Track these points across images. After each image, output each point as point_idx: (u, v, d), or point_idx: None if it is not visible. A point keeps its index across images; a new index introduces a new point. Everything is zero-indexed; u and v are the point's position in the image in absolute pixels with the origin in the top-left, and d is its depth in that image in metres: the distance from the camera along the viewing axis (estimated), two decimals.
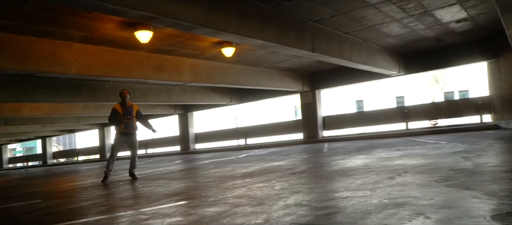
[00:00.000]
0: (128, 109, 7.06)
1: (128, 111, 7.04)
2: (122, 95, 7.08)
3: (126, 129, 7.04)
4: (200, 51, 9.93)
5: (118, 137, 7.08)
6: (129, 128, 7.07)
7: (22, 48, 7.22)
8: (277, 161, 8.19)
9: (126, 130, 7.05)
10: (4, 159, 35.57)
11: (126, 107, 7.06)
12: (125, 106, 7.06)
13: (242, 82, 12.50)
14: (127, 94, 7.11)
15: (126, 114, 7.00)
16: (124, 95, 7.05)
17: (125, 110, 7.03)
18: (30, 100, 11.17)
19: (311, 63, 13.41)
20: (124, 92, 7.09)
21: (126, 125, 7.00)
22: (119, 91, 7.16)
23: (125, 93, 7.08)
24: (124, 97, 7.05)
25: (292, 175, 5.21)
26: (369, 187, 3.41)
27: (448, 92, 30.50)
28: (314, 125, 15.98)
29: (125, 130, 7.04)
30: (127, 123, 6.98)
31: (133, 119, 7.08)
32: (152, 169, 10.09)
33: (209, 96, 16.34)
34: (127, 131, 7.06)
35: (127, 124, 7.00)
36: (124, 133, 7.06)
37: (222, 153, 15.49)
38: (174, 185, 5.45)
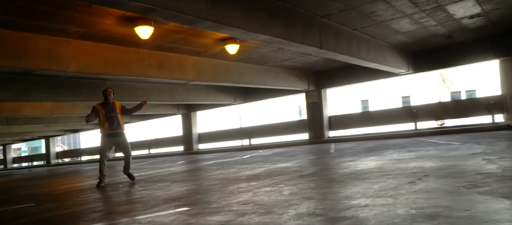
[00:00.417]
0: (109, 107, 6.58)
1: (110, 109, 6.54)
2: (105, 93, 6.61)
3: (111, 129, 6.50)
4: (203, 48, 9.61)
5: (104, 139, 6.56)
6: (114, 127, 6.52)
7: (18, 44, 6.92)
8: (283, 162, 7.86)
9: (111, 131, 6.51)
10: (8, 159, 35.45)
11: (108, 105, 6.59)
12: (107, 105, 6.59)
13: (246, 81, 12.17)
14: (110, 93, 6.65)
15: (107, 112, 6.50)
16: (107, 94, 6.59)
17: (107, 109, 6.55)
18: (29, 99, 10.91)
19: (317, 62, 13.06)
20: (107, 90, 6.64)
21: (110, 123, 6.46)
22: (103, 90, 6.70)
23: (109, 91, 6.63)
24: (107, 95, 6.58)
25: (300, 178, 4.87)
26: (390, 194, 3.07)
27: (455, 92, 30.00)
28: (320, 125, 15.62)
29: (110, 130, 6.49)
30: (110, 121, 6.45)
31: (117, 116, 6.56)
32: (154, 170, 9.80)
33: (212, 96, 16.02)
34: (112, 132, 6.52)
35: (111, 121, 6.47)
36: (110, 134, 6.54)
37: (226, 154, 15.18)
38: (174, 188, 5.13)
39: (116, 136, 6.58)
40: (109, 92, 6.61)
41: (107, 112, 6.50)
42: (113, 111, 6.52)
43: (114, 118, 6.50)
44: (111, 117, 6.46)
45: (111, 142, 6.64)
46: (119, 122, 6.57)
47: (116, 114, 6.55)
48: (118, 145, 6.72)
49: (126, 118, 21.59)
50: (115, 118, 6.51)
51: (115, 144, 6.71)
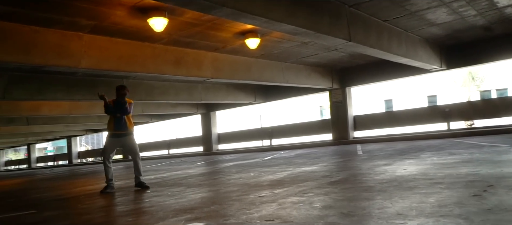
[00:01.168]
0: (121, 106, 5.91)
1: (120, 109, 5.89)
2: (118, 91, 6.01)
3: (116, 129, 5.88)
4: (222, 43, 9.05)
5: (108, 140, 5.99)
6: (120, 128, 5.88)
7: (26, 39, 6.53)
8: (308, 165, 7.21)
9: (116, 131, 5.90)
10: (33, 158, 35.94)
11: (119, 104, 5.93)
12: (118, 104, 5.94)
13: (267, 78, 11.56)
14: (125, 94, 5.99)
15: (117, 111, 5.88)
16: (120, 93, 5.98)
17: (116, 107, 5.92)
18: (45, 98, 10.62)
19: (342, 58, 12.33)
20: (121, 89, 6.02)
21: (116, 123, 5.86)
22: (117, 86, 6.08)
23: (122, 93, 5.99)
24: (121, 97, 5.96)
25: (331, 185, 4.22)
26: (456, 212, 2.40)
27: (485, 90, 28.53)
28: (344, 125, 14.84)
29: (115, 130, 5.89)
30: (117, 121, 5.85)
31: (124, 117, 5.90)
32: (170, 171, 9.30)
33: (232, 95, 15.48)
34: (117, 132, 5.90)
35: (117, 121, 5.86)
36: (115, 134, 5.92)
37: (246, 155, 14.61)
38: (188, 195, 4.57)
39: (121, 136, 5.93)
40: (122, 93, 5.95)
41: (115, 111, 5.91)
42: (121, 111, 5.89)
43: (122, 119, 5.90)
44: (118, 118, 5.87)
45: (116, 142, 5.99)
46: (125, 122, 5.93)
47: (123, 114, 5.90)
48: (124, 147, 6.09)
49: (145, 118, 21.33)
50: (122, 119, 5.90)
51: (121, 145, 6.05)
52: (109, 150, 5.97)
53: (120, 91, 5.92)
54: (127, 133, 5.94)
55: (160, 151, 24.45)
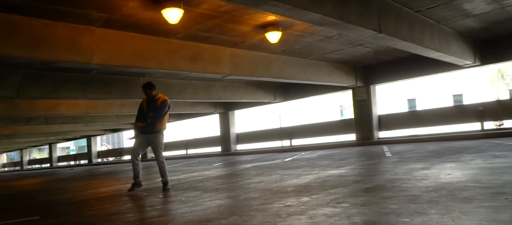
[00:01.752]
0: (152, 104, 5.79)
1: (152, 107, 5.76)
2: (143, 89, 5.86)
3: (148, 126, 5.74)
4: (241, 38, 8.56)
5: (137, 137, 5.84)
6: (148, 126, 5.73)
7: (35, 33, 6.18)
8: (334, 167, 6.64)
9: (147, 127, 5.75)
10: (54, 157, 36.34)
11: (151, 101, 5.82)
12: (150, 101, 5.84)
13: (288, 75, 11.00)
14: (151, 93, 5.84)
15: (149, 110, 5.75)
16: (146, 90, 5.84)
17: (149, 106, 5.80)
18: (59, 96, 10.36)
19: (367, 54, 11.66)
20: (146, 89, 5.84)
21: (147, 122, 5.73)
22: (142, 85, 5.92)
23: (147, 91, 5.85)
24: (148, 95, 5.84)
25: (367, 193, 3.67)
26: None
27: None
28: (369, 125, 14.14)
29: (146, 127, 5.75)
30: (148, 121, 5.72)
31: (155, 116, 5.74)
32: (187, 173, 8.87)
33: (251, 93, 14.98)
34: (148, 129, 5.74)
35: (148, 122, 5.73)
36: (143, 130, 5.78)
37: (265, 155, 14.09)
38: (204, 202, 4.08)
39: (150, 133, 5.76)
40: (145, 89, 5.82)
41: (148, 110, 5.77)
42: (152, 110, 5.73)
43: (154, 117, 5.73)
44: (150, 116, 5.71)
45: (144, 139, 5.83)
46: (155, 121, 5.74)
47: (155, 112, 5.73)
48: (150, 144, 5.87)
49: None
50: (154, 117, 5.73)
51: (148, 142, 5.85)
52: (137, 147, 5.81)
53: (144, 89, 5.81)
54: (154, 131, 5.75)
55: (178, 151, 24.18)
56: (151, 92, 5.80)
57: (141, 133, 5.80)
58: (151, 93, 5.80)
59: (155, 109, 5.71)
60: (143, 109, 5.85)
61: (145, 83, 5.84)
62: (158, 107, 5.72)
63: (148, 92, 5.79)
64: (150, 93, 5.80)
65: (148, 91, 5.79)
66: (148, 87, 5.80)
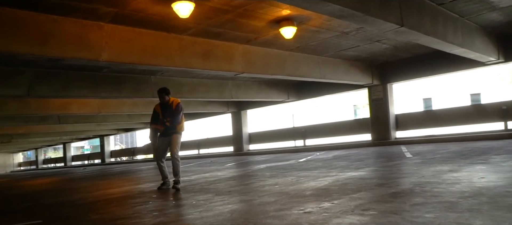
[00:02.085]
0: (168, 109, 5.97)
1: (168, 112, 5.95)
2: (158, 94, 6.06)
3: (166, 129, 5.97)
4: (254, 34, 8.25)
5: (159, 139, 6.03)
6: (169, 128, 5.95)
7: (42, 28, 5.98)
8: (353, 169, 6.28)
9: (166, 130, 5.99)
10: (68, 157, 36.59)
11: (166, 107, 6.01)
12: (164, 106, 6.02)
13: (302, 73, 10.66)
14: (163, 98, 6.03)
15: (165, 115, 5.93)
16: (160, 95, 6.02)
17: (164, 111, 5.97)
18: (70, 95, 10.21)
19: (384, 51, 11.24)
20: (162, 94, 6.03)
21: (164, 125, 5.95)
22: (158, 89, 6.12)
23: (162, 96, 6.03)
24: (162, 100, 6.02)
25: (395, 198, 3.32)
26: None
27: None
28: (385, 125, 13.69)
29: (165, 130, 5.99)
30: (167, 125, 5.94)
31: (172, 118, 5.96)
32: (199, 173, 8.60)
33: (264, 92, 14.66)
34: (167, 132, 5.99)
35: (167, 126, 5.94)
36: (164, 133, 6.00)
37: (278, 155, 13.76)
38: (216, 207, 3.79)
39: (170, 134, 5.99)
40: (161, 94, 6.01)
41: (164, 115, 5.96)
42: (169, 115, 5.93)
43: (171, 119, 5.94)
44: (167, 120, 5.92)
45: (165, 141, 6.04)
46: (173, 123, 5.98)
47: (172, 116, 5.96)
48: (170, 143, 6.06)
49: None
50: (171, 119, 5.94)
51: (169, 142, 6.05)
52: (160, 150, 6.01)
53: (160, 94, 5.99)
54: (175, 131, 6.00)
55: (190, 151, 24.00)
56: (167, 98, 5.98)
57: (161, 136, 5.99)
58: (166, 99, 5.97)
59: (171, 114, 5.90)
60: (158, 114, 6.00)
61: (162, 88, 6.02)
62: (173, 112, 5.92)
63: (164, 98, 5.95)
64: (165, 99, 5.97)
65: (165, 97, 5.95)
66: (165, 92, 5.98)
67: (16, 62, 8.78)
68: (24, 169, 45.61)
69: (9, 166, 45.55)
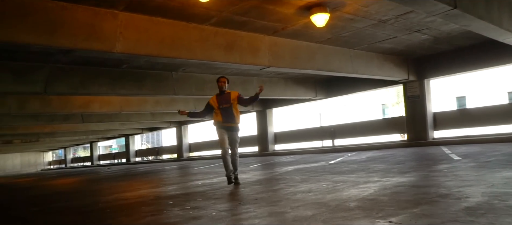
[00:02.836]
0: (223, 97, 5.89)
1: (224, 100, 5.86)
2: (217, 84, 5.98)
3: (225, 121, 5.78)
4: (282, 23, 7.52)
5: (220, 131, 5.82)
6: (228, 120, 5.79)
7: (51, 16, 5.47)
8: (396, 173, 5.46)
9: (225, 123, 5.80)
10: (95, 156, 36.94)
11: (222, 96, 5.91)
12: (221, 96, 5.92)
13: (333, 67, 9.83)
14: (223, 83, 5.93)
15: (220, 103, 5.83)
16: (219, 85, 5.93)
17: (220, 100, 5.87)
18: (88, 92, 9.78)
19: (423, 42, 10.26)
20: (220, 80, 5.95)
21: (223, 115, 5.79)
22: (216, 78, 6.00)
23: (221, 81, 5.93)
24: (221, 88, 5.92)
25: (473, 215, 2.53)
26: None
27: None
28: (422, 124, 12.65)
29: (223, 123, 5.80)
30: (223, 112, 5.79)
31: (231, 108, 5.80)
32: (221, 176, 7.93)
33: (291, 89, 13.89)
34: (225, 124, 5.80)
35: (224, 113, 5.79)
36: (223, 126, 5.81)
37: (306, 156, 12.97)
38: (240, 222, 3.09)
39: (229, 129, 5.85)
40: (221, 83, 5.92)
41: (220, 103, 5.86)
42: (226, 102, 5.84)
43: (228, 109, 5.81)
44: (224, 108, 5.80)
45: (226, 133, 5.88)
46: (233, 114, 5.84)
47: (229, 105, 5.83)
48: (228, 139, 5.91)
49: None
50: (228, 109, 5.81)
51: (229, 137, 5.92)
52: (225, 139, 5.80)
53: (217, 83, 5.95)
54: (234, 126, 5.87)
55: (214, 150, 23.48)
56: (226, 86, 5.96)
57: (223, 128, 5.82)
58: (225, 87, 5.94)
59: (228, 101, 5.81)
60: (211, 106, 5.93)
61: (220, 76, 6.00)
62: (245, 100, 5.92)
63: (224, 86, 5.90)
64: (224, 87, 5.92)
65: (225, 84, 5.92)
66: (226, 79, 5.99)
67: (32, 58, 8.40)
68: (53, 167, 46.56)
69: (40, 164, 46.62)
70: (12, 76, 8.45)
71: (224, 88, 5.93)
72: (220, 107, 5.80)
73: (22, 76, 8.58)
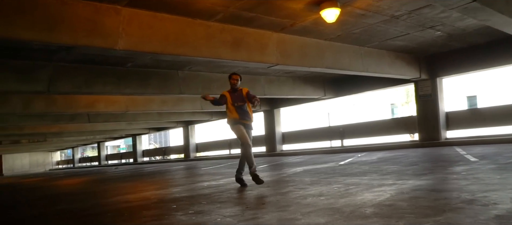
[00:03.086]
0: (237, 95, 5.78)
1: (237, 97, 5.76)
2: (229, 80, 5.88)
3: (241, 118, 5.68)
4: (291, 19, 7.26)
5: (237, 126, 5.67)
6: (244, 118, 5.70)
7: (51, 11, 5.27)
8: (411, 176, 5.17)
9: (241, 120, 5.70)
10: (102, 156, 36.95)
11: (235, 93, 5.80)
12: (234, 93, 5.81)
13: (343, 65, 9.54)
14: (236, 80, 5.83)
15: (235, 101, 5.72)
16: (231, 82, 5.83)
17: (234, 97, 5.76)
18: (92, 91, 9.61)
19: (436, 40, 9.92)
20: (233, 77, 5.85)
21: (239, 113, 5.69)
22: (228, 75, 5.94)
23: (233, 78, 5.83)
24: (233, 85, 5.82)
25: None
26: None
27: None
28: (435, 123, 12.29)
29: (240, 119, 5.69)
30: (239, 110, 5.68)
31: (245, 106, 5.74)
32: (227, 177, 7.70)
33: (299, 88, 13.61)
34: (242, 121, 5.69)
35: (240, 111, 5.69)
36: (240, 122, 5.69)
37: (315, 157, 12.68)
38: None
39: (245, 127, 5.74)
40: (234, 80, 5.82)
41: (234, 101, 5.74)
42: (240, 100, 5.76)
43: (243, 107, 5.74)
44: (239, 106, 5.72)
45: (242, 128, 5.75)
46: (248, 112, 5.80)
47: (244, 103, 5.77)
48: None
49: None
50: (243, 107, 5.74)
51: None
52: (244, 133, 5.62)
53: (229, 80, 5.86)
54: (249, 124, 5.80)
55: (221, 150, 23.28)
56: (239, 83, 5.86)
57: (239, 123, 5.68)
58: (238, 84, 5.83)
59: (242, 99, 5.72)
60: (225, 99, 5.76)
61: (233, 73, 5.91)
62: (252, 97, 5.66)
63: (237, 83, 5.81)
64: (237, 84, 5.82)
65: (237, 81, 5.82)
66: (240, 77, 5.88)
67: (35, 56, 8.24)
68: (60, 167, 46.76)
69: (48, 164, 46.88)
70: (14, 75, 8.30)
71: (237, 86, 5.80)
72: (235, 105, 5.69)
73: (24, 75, 8.42)
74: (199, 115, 20.28)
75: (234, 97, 5.73)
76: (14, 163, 42.77)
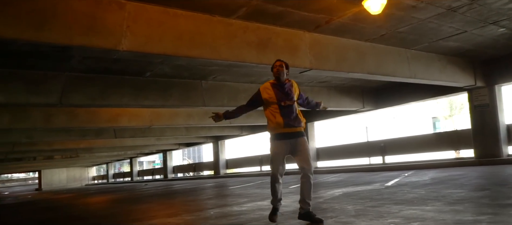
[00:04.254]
0: (284, 90, 4.00)
1: (285, 93, 3.98)
2: (272, 70, 4.13)
3: (286, 125, 3.89)
4: (326, 14, 6.15)
5: (275, 144, 3.98)
6: (291, 124, 3.92)
7: (40, 5, 4.45)
8: (493, 206, 3.86)
9: (286, 129, 3.91)
10: (134, 172, 36.92)
11: (281, 87, 4.01)
12: (280, 87, 4.02)
13: (387, 71, 8.27)
14: (282, 67, 4.06)
15: (280, 99, 3.93)
16: (276, 72, 4.05)
17: (279, 93, 3.97)
18: (108, 103, 8.85)
19: (497, 39, 8.47)
20: (275, 64, 4.10)
21: (285, 116, 3.90)
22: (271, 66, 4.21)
23: (278, 66, 4.07)
24: (278, 74, 4.04)
25: None
26: None
27: None
28: (494, 138, 10.63)
29: (284, 128, 3.91)
30: (284, 112, 3.91)
31: (295, 106, 4.00)
32: (254, 200, 6.58)
33: (335, 99, 12.36)
34: (288, 131, 3.91)
35: (286, 113, 3.91)
36: (284, 134, 3.91)
37: (353, 175, 11.33)
38: None
39: (293, 136, 3.94)
40: (278, 67, 4.06)
41: (280, 98, 3.95)
42: (290, 98, 3.99)
43: (292, 108, 3.97)
44: (287, 106, 3.94)
45: (287, 147, 3.96)
46: (297, 114, 4.00)
47: (293, 102, 4.01)
48: (295, 152, 3.98)
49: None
50: (292, 108, 3.97)
51: (292, 150, 3.98)
52: (278, 159, 3.98)
53: (272, 70, 4.13)
54: (300, 132, 3.99)
55: (252, 167, 22.19)
56: (286, 72, 4.11)
57: (281, 138, 3.94)
58: (284, 75, 4.07)
59: (290, 96, 3.98)
60: (262, 100, 4.05)
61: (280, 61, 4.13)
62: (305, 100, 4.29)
63: (282, 71, 4.05)
64: (283, 74, 4.06)
65: (283, 70, 4.06)
66: (286, 64, 4.12)
67: (46, 65, 7.57)
68: (97, 182, 47.46)
69: (84, 179, 47.69)
70: (24, 86, 7.65)
71: (282, 76, 4.05)
72: (280, 103, 3.95)
73: (35, 86, 7.76)
74: (229, 129, 19.37)
75: (279, 93, 3.99)
76: (52, 178, 43.69)
